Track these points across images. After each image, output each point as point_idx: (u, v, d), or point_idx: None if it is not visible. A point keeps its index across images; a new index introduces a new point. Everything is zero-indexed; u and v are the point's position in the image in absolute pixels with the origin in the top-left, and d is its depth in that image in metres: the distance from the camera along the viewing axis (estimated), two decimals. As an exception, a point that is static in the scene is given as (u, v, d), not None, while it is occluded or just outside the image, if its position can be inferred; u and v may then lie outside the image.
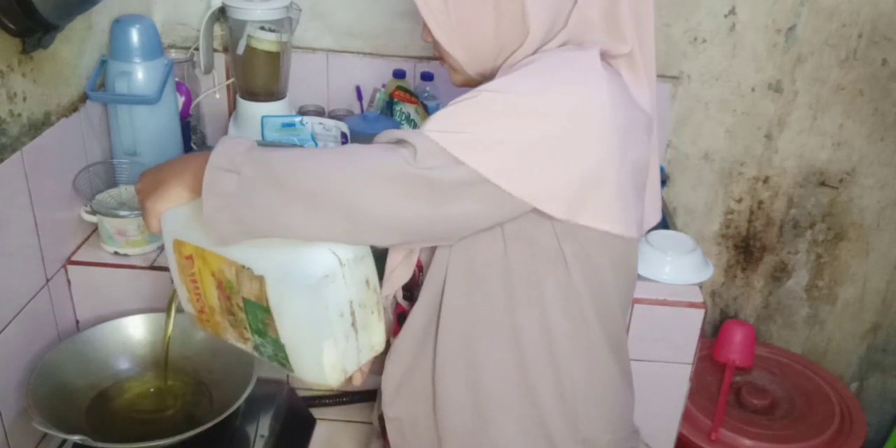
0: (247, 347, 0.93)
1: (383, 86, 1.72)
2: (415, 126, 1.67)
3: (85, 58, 1.39)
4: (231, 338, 0.94)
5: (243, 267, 0.84)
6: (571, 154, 0.79)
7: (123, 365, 1.28)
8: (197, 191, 0.83)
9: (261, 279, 0.83)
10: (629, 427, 1.03)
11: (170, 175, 0.87)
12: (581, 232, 0.84)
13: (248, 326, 0.89)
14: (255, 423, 1.25)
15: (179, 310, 1.01)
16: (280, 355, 0.88)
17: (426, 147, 0.77)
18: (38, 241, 1.27)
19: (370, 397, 1.42)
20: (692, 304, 1.36)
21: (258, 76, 1.64)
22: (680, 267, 1.42)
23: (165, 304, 1.06)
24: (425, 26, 0.88)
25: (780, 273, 1.92)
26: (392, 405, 1.00)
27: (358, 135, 1.61)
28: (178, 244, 0.89)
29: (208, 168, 0.79)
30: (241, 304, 0.87)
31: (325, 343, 0.84)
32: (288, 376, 1.43)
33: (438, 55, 0.93)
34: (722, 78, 1.73)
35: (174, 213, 0.87)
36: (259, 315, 0.86)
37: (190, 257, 0.89)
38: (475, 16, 0.85)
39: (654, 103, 0.91)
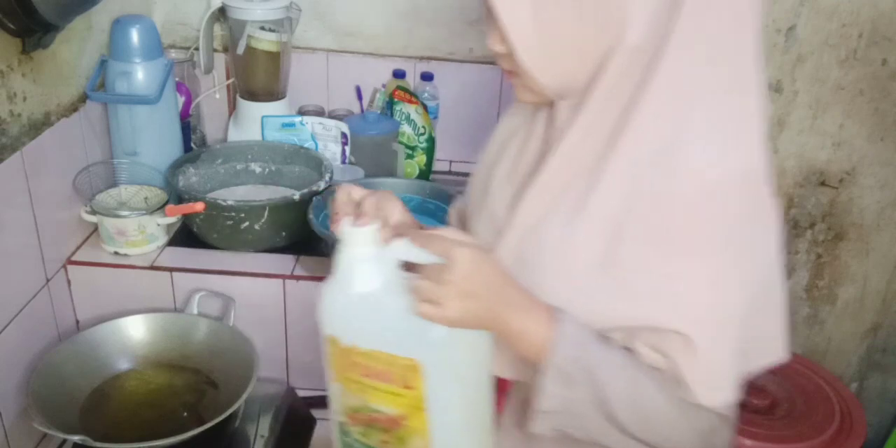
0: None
1: (383, 86, 1.72)
2: (414, 126, 1.67)
3: (85, 58, 1.39)
4: None
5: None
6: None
7: (123, 365, 1.28)
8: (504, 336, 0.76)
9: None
10: None
11: (499, 313, 0.75)
12: None
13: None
14: (255, 423, 1.25)
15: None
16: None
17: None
18: (38, 241, 1.27)
19: (370, 397, 1.43)
20: (692, 304, 1.35)
21: (258, 76, 1.64)
22: (680, 267, 1.42)
23: (165, 304, 1.06)
24: (496, 34, 0.76)
25: (780, 273, 1.92)
26: None
27: (358, 135, 1.61)
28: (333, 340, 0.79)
29: (545, 383, 0.75)
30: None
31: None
32: (288, 376, 1.43)
33: (507, 69, 0.80)
34: (722, 78, 1.73)
35: (340, 302, 0.76)
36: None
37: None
38: (573, 35, 0.72)
39: None
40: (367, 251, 0.74)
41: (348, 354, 0.78)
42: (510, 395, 0.90)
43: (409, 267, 0.74)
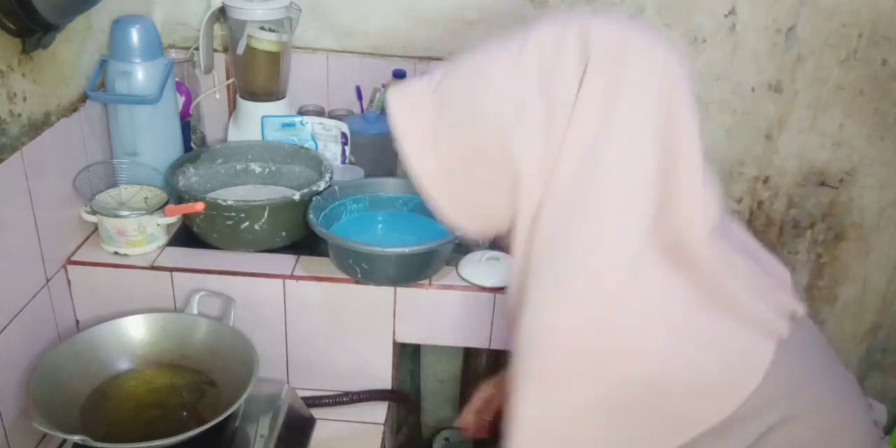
0: None
1: (383, 86, 1.72)
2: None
3: (85, 58, 1.39)
4: None
5: None
6: None
7: (123, 365, 1.28)
8: None
9: None
10: None
11: None
12: None
13: None
14: (255, 423, 1.25)
15: None
16: None
17: None
18: (38, 241, 1.27)
19: (371, 397, 1.43)
20: (692, 304, 1.35)
21: (258, 76, 1.64)
22: (680, 267, 1.42)
23: (165, 304, 1.05)
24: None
25: (780, 273, 1.92)
26: None
27: (358, 135, 1.61)
28: None
29: None
30: None
31: None
32: (288, 376, 1.44)
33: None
34: (722, 78, 1.73)
35: None
36: None
37: None
38: (485, 184, 0.86)
39: None
40: None
41: None
42: None
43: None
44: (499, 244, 1.01)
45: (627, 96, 0.80)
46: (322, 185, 1.43)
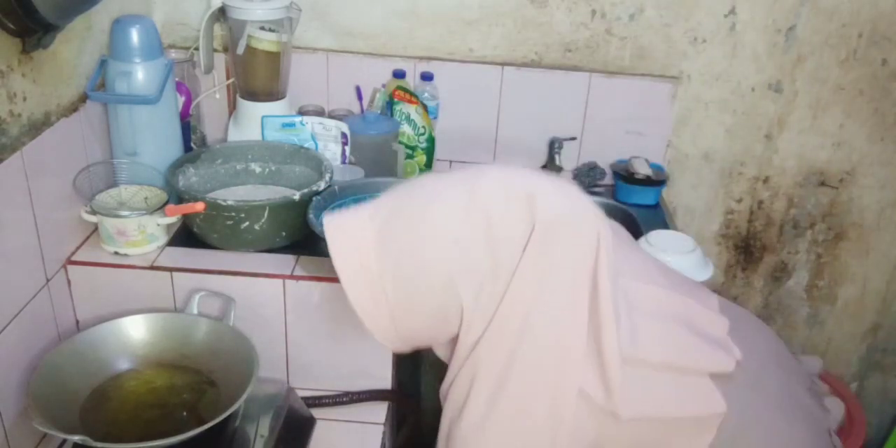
0: None
1: (383, 86, 1.72)
2: (414, 126, 1.67)
3: (85, 58, 1.39)
4: None
5: None
6: None
7: (123, 365, 1.28)
8: None
9: None
10: None
11: None
12: None
13: None
14: (255, 423, 1.25)
15: None
16: None
17: None
18: (38, 241, 1.27)
19: (371, 397, 1.42)
20: (692, 304, 1.35)
21: (258, 76, 1.64)
22: (680, 267, 1.41)
23: (165, 304, 1.06)
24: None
25: (780, 273, 1.92)
26: None
27: (358, 135, 1.61)
28: None
29: None
30: None
31: None
32: (288, 376, 1.44)
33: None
34: (722, 78, 1.73)
35: None
36: None
37: None
38: (423, 337, 0.96)
39: None
40: None
41: None
42: None
43: None
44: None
45: (562, 271, 0.88)
46: (322, 185, 1.43)
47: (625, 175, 1.72)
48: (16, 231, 1.21)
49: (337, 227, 0.92)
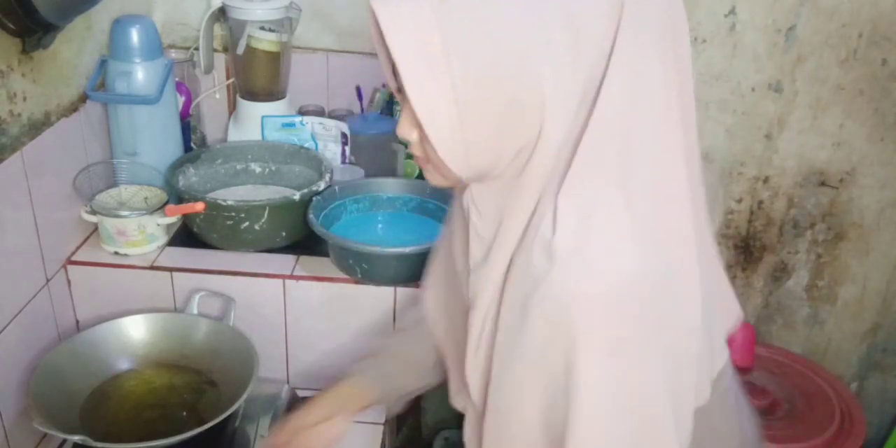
0: None
1: (383, 86, 1.72)
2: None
3: (85, 58, 1.39)
4: None
5: None
6: None
7: (123, 365, 1.28)
8: None
9: None
10: None
11: None
12: None
13: None
14: (255, 424, 1.25)
15: None
16: None
17: None
18: (38, 241, 1.27)
19: (370, 397, 1.42)
20: (692, 304, 1.35)
21: (258, 76, 1.64)
22: (680, 267, 1.42)
23: (165, 304, 1.06)
24: (407, 122, 0.76)
25: (780, 273, 1.92)
26: None
27: (358, 135, 1.61)
28: None
29: None
30: None
31: None
32: (288, 376, 1.44)
33: (418, 155, 0.80)
34: (722, 78, 1.73)
35: None
36: None
37: None
38: (492, 135, 0.73)
39: None
40: None
41: None
42: None
43: None
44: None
45: (653, 39, 0.80)
46: (322, 185, 1.43)
47: (625, 175, 1.72)
48: (16, 231, 1.21)
49: (385, 7, 0.71)
